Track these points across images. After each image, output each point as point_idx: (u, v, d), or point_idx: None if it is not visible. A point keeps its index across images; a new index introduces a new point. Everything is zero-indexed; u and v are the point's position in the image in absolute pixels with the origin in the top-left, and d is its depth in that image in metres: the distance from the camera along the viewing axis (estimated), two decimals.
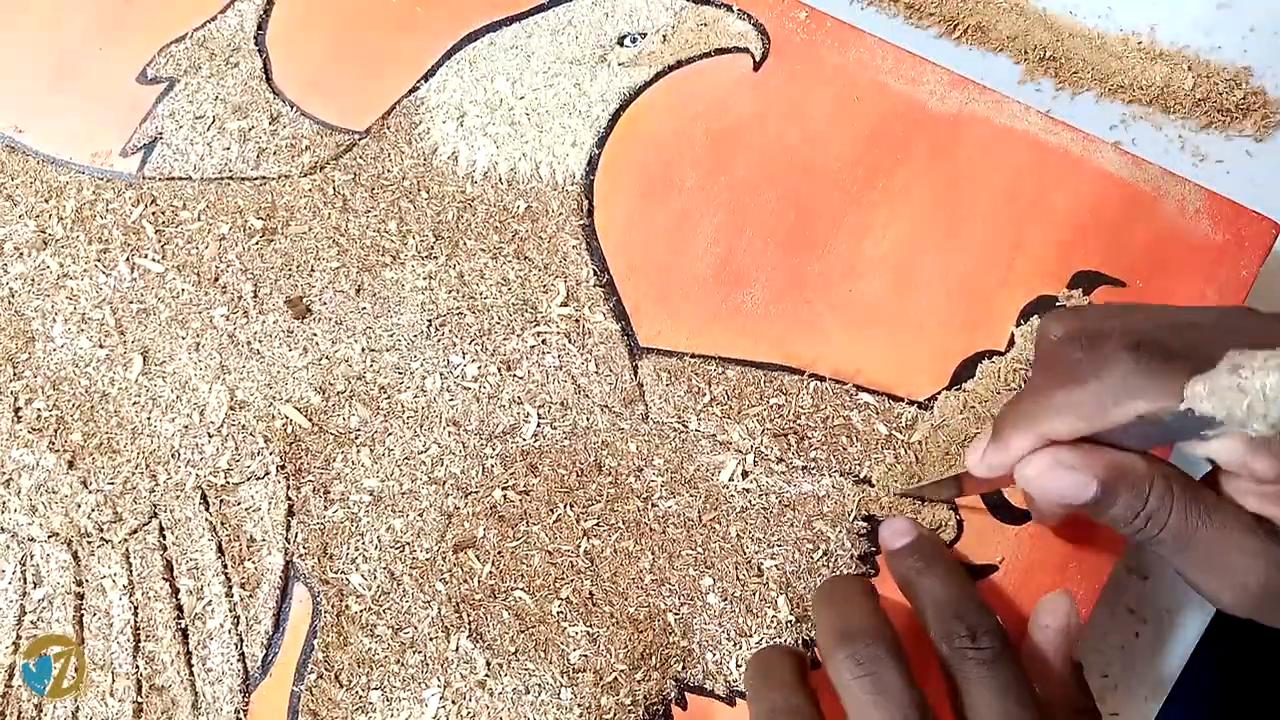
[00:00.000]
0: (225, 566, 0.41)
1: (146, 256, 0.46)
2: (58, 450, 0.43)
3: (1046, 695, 0.35)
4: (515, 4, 0.49)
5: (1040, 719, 0.32)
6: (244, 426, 0.43)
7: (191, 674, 0.40)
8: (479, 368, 0.43)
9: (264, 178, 0.47)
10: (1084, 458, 0.32)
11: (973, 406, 0.42)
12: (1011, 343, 0.42)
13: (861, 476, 0.41)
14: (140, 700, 0.40)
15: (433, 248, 0.45)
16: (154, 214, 0.46)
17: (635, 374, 0.43)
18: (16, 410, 0.44)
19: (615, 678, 0.39)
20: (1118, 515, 0.32)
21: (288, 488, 0.42)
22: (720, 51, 0.47)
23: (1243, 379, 0.27)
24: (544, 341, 0.44)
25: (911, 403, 0.42)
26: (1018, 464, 0.33)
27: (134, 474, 0.43)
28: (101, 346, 0.44)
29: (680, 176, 0.46)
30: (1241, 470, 0.31)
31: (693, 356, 0.43)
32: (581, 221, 0.45)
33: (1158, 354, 0.31)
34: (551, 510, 0.41)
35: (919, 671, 0.33)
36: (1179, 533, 0.31)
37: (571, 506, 0.41)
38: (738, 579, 0.40)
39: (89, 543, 0.42)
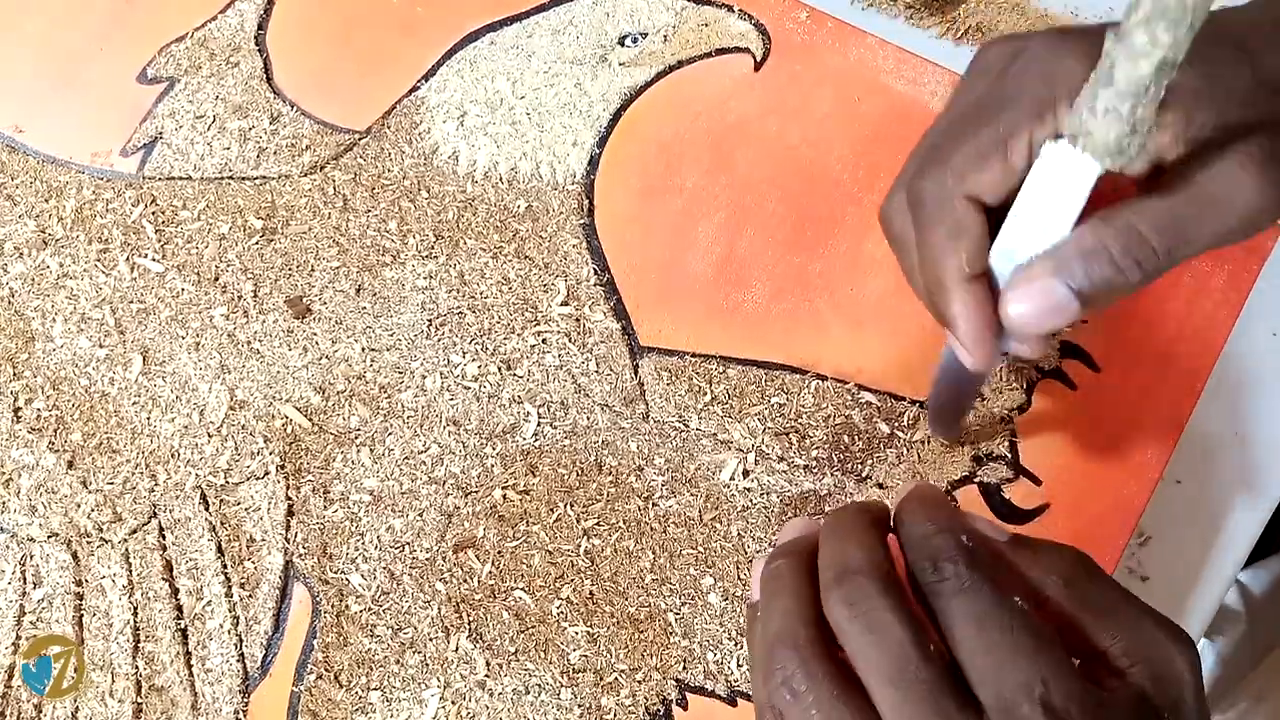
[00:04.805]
0: (225, 566, 0.41)
1: (146, 256, 0.45)
2: (57, 450, 0.43)
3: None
4: (516, 4, 0.49)
5: (1034, 645, 0.27)
6: (244, 426, 0.43)
7: (191, 674, 0.40)
8: (479, 367, 0.43)
9: (264, 177, 0.47)
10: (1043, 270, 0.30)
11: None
12: None
13: (864, 475, 0.41)
14: (140, 700, 0.40)
15: (433, 247, 0.45)
16: (154, 214, 0.46)
17: (636, 373, 0.43)
18: (16, 410, 0.44)
19: (615, 678, 0.39)
20: (1109, 278, 0.30)
21: (287, 487, 0.42)
22: (721, 51, 0.47)
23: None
24: (544, 341, 0.43)
25: (913, 401, 0.42)
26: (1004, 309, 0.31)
27: (134, 474, 0.43)
28: (101, 346, 0.44)
29: (681, 176, 0.46)
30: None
31: (694, 355, 0.43)
32: (582, 221, 0.45)
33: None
34: (552, 510, 0.41)
35: None
36: (1164, 226, 0.30)
37: (572, 506, 0.41)
38: (739, 578, 0.40)
39: (88, 543, 0.42)
